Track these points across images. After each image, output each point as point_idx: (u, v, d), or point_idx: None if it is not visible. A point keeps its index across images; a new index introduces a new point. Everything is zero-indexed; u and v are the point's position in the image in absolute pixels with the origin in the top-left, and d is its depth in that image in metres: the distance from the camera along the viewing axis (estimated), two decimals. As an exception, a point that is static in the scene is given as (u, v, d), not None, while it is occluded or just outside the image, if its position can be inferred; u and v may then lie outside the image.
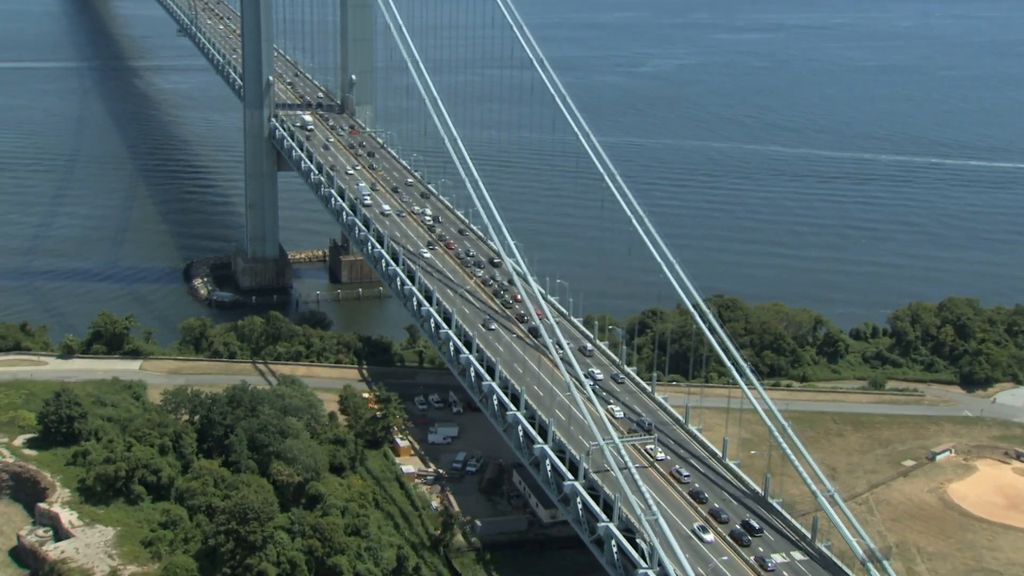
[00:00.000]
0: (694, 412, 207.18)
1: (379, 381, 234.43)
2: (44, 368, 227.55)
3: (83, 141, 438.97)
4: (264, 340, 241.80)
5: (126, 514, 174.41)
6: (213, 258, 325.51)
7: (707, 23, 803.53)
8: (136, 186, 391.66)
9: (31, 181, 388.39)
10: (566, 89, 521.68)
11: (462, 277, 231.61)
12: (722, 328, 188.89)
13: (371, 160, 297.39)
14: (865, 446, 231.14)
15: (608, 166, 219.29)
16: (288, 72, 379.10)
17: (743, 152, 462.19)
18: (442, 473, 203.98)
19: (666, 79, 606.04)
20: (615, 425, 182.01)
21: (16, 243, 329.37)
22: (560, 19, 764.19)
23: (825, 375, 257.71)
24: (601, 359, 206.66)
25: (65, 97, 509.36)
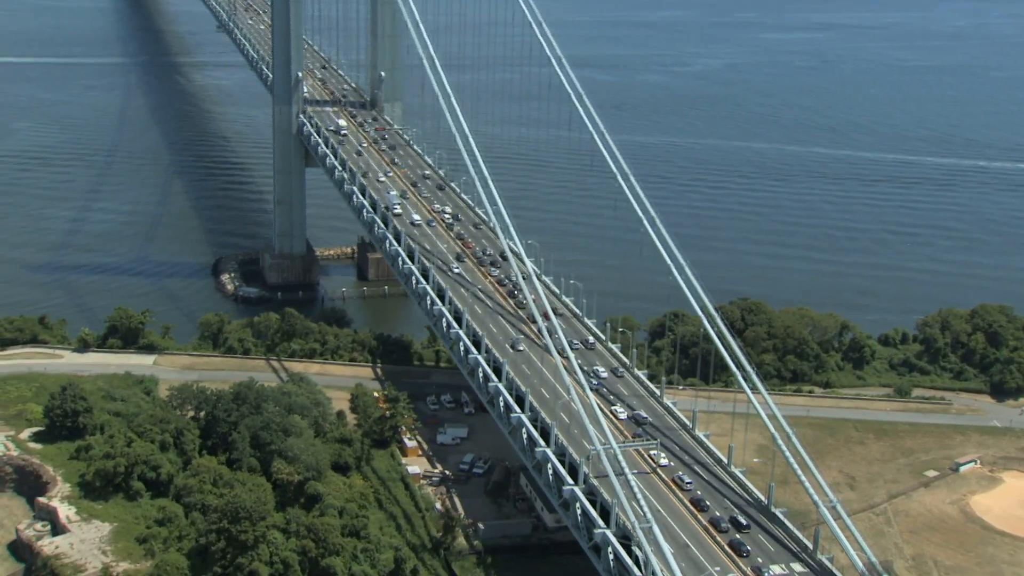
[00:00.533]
0: (709, 417, 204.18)
1: (393, 380, 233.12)
2: (59, 362, 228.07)
3: (122, 136, 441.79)
4: (279, 337, 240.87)
5: (124, 510, 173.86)
6: (242, 254, 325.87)
7: (754, 22, 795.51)
8: (171, 181, 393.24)
9: (69, 175, 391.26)
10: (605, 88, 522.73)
11: (477, 276, 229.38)
12: (731, 332, 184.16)
13: (393, 154, 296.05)
14: (887, 455, 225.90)
15: (622, 166, 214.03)
16: (320, 68, 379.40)
17: (784, 153, 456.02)
18: (448, 474, 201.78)
19: (709, 78, 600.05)
20: (619, 428, 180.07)
21: (50, 237, 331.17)
22: (606, 17, 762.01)
23: (850, 381, 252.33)
24: (610, 360, 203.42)
25: (109, 92, 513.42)
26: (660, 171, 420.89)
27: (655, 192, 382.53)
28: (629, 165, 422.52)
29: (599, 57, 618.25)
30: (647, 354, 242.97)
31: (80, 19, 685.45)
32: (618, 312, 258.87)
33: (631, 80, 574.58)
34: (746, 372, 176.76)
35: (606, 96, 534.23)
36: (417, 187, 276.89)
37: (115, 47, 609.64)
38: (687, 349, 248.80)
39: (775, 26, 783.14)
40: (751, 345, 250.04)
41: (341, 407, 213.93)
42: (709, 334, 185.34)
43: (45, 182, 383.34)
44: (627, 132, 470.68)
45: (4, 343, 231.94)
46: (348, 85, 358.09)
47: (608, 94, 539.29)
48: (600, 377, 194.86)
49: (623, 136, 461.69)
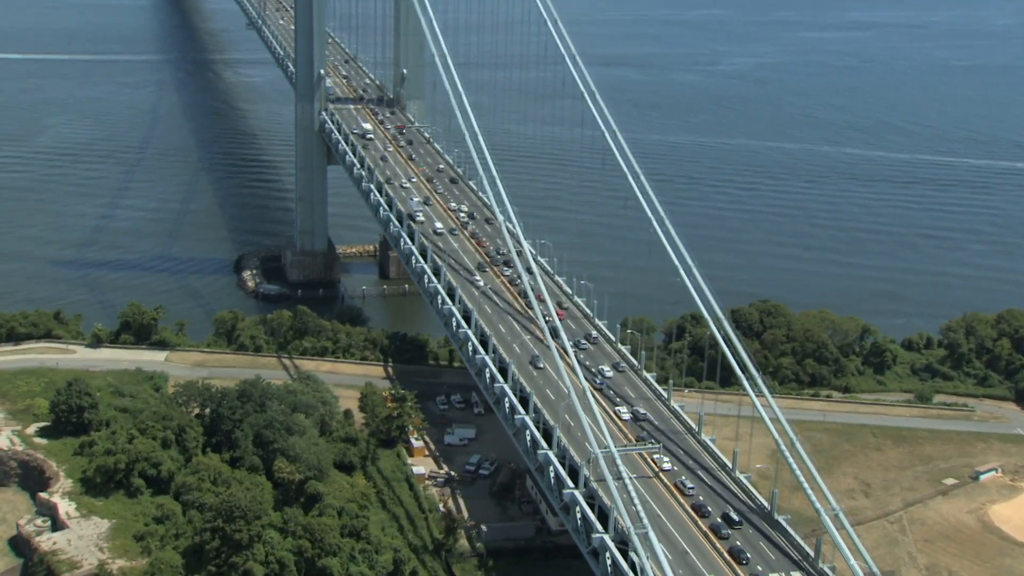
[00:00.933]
0: (725, 421, 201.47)
1: (404, 379, 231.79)
2: (71, 357, 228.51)
3: (153, 133, 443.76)
4: (291, 335, 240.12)
5: (124, 507, 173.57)
6: (264, 251, 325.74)
7: (792, 21, 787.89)
8: (198, 178, 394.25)
9: (99, 172, 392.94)
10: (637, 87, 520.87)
11: (489, 275, 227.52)
12: (737, 335, 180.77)
13: (411, 150, 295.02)
14: (905, 462, 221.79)
15: (632, 165, 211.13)
16: (344, 63, 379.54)
17: (816, 154, 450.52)
18: (453, 475, 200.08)
19: (744, 78, 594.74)
20: (623, 430, 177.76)
21: (76, 233, 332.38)
22: (643, 15, 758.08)
23: (870, 386, 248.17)
24: (616, 360, 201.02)
25: (142, 89, 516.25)
26: (689, 171, 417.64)
27: (682, 193, 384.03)
28: (657, 164, 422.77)
29: (633, 56, 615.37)
30: (662, 356, 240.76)
31: (119, 16, 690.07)
32: (634, 313, 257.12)
33: (664, 79, 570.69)
34: (751, 376, 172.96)
35: (638, 95, 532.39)
36: (433, 183, 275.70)
37: (150, 44, 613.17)
38: (703, 351, 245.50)
39: (813, 25, 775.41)
40: (769, 348, 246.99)
41: (350, 406, 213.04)
42: (715, 337, 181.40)
43: (75, 178, 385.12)
44: (658, 131, 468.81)
45: (18, 338, 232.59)
46: (372, 82, 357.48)
47: (640, 93, 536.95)
48: (605, 376, 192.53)
49: (653, 135, 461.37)
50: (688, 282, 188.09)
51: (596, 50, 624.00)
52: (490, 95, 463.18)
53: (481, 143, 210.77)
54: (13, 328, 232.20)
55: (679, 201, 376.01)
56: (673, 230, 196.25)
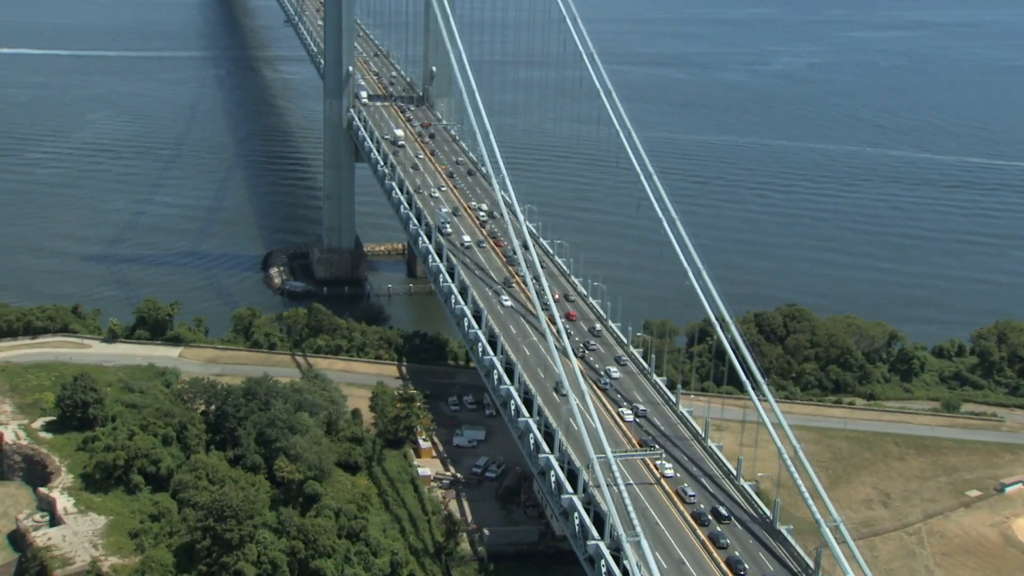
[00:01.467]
0: (738, 427, 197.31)
1: (417, 379, 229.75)
2: (85, 351, 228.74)
3: (191, 129, 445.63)
4: (307, 332, 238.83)
5: (122, 503, 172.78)
6: (292, 248, 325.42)
7: (843, 20, 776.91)
8: (232, 174, 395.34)
9: (137, 167, 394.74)
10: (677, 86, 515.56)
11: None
12: (744, 340, 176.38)
13: (433, 144, 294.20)
14: (927, 472, 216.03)
15: (646, 165, 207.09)
16: (374, 57, 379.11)
17: (858, 156, 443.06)
18: (459, 477, 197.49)
19: (789, 77, 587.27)
20: (627, 433, 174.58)
21: (107, 229, 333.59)
22: (690, 14, 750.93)
23: (896, 394, 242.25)
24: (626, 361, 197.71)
25: (183, 86, 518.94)
26: (727, 173, 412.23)
27: (718, 195, 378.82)
28: (694, 165, 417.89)
29: (677, 55, 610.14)
30: (682, 360, 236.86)
31: (166, 13, 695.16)
32: (657, 316, 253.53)
33: (708, 78, 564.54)
34: (756, 382, 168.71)
35: (679, 94, 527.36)
36: (453, 177, 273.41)
37: (194, 41, 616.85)
38: (723, 355, 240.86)
39: (865, 24, 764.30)
40: (792, 353, 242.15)
41: (361, 405, 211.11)
42: (723, 342, 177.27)
43: (112, 174, 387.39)
44: (697, 131, 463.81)
45: (35, 331, 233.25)
46: (400, 76, 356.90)
47: (682, 92, 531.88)
48: (612, 377, 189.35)
49: (692, 135, 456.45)
50: (697, 286, 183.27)
51: (640, 49, 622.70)
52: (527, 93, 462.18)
53: (492, 141, 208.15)
54: (30, 322, 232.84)
55: (715, 204, 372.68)
56: (684, 232, 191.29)
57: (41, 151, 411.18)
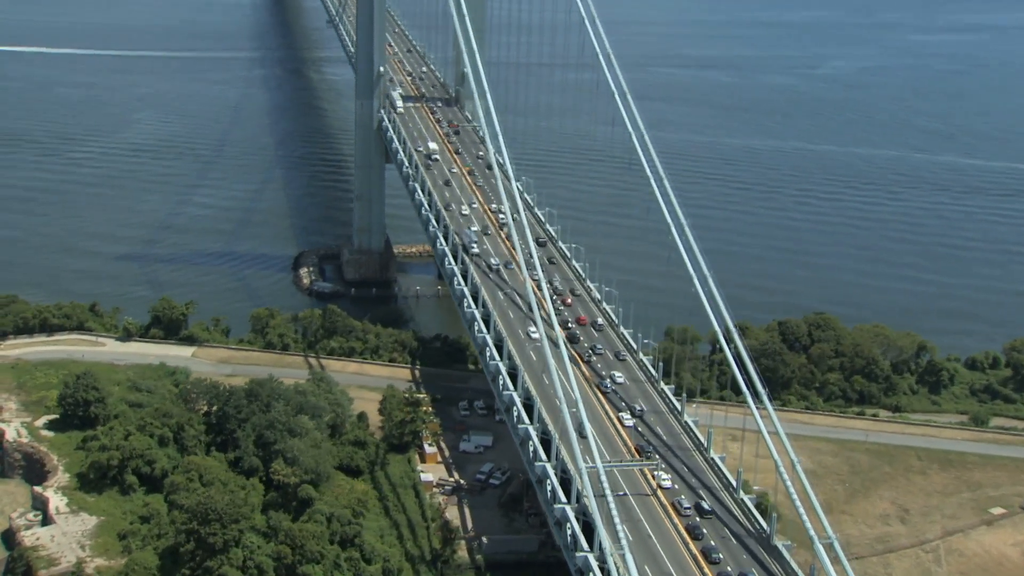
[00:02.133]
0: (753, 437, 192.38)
1: (430, 383, 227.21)
2: (99, 349, 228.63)
3: (233, 129, 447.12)
4: (321, 334, 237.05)
5: (115, 504, 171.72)
6: (324, 248, 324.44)
7: (900, 23, 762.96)
8: (272, 174, 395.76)
9: (176, 167, 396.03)
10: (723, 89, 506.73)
11: (518, 280, 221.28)
12: (745, 349, 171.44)
13: (457, 141, 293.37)
14: (950, 488, 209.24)
15: (657, 170, 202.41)
16: (410, 58, 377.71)
17: (905, 162, 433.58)
18: (462, 484, 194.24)
19: (840, 81, 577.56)
20: (626, 440, 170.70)
21: (143, 228, 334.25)
22: (743, 17, 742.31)
23: (923, 406, 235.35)
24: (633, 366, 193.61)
25: (229, 86, 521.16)
26: (769, 178, 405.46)
27: (759, 202, 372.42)
28: (735, 171, 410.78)
29: (725, 58, 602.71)
30: (704, 368, 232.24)
31: (220, 15, 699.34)
32: (678, 322, 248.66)
33: (755, 82, 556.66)
34: (757, 392, 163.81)
35: (724, 98, 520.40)
36: (473, 174, 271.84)
37: (244, 41, 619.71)
38: (746, 364, 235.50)
39: (923, 27, 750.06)
40: (815, 363, 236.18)
41: (372, 408, 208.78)
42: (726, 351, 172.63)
43: (151, 173, 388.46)
44: (740, 135, 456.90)
45: (51, 329, 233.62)
46: (430, 73, 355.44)
47: (727, 96, 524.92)
48: (616, 382, 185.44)
49: (734, 140, 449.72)
50: (702, 292, 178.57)
51: (687, 52, 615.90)
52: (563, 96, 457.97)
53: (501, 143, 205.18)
54: (46, 319, 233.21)
55: (755, 210, 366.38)
56: (692, 237, 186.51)
57: (85, 150, 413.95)
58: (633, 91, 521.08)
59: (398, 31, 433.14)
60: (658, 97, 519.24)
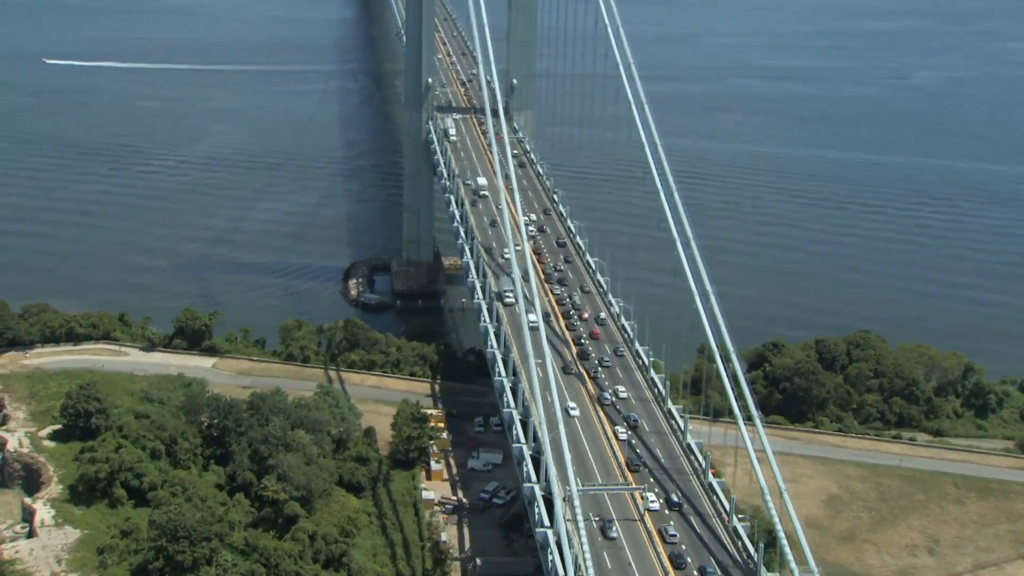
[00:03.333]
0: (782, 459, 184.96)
1: (449, 397, 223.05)
2: (121, 359, 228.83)
3: (302, 140, 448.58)
4: (344, 346, 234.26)
5: (101, 518, 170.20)
6: (376, 259, 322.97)
7: (997, 31, 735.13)
8: (334, 185, 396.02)
9: (243, 178, 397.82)
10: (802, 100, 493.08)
11: (540, 294, 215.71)
12: (742, 368, 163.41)
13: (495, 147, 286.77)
14: (988, 518, 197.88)
15: (669, 182, 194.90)
16: (464, 62, 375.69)
17: (992, 175, 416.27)
18: (464, 502, 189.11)
19: (928, 92, 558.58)
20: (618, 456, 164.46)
21: (201, 238, 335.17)
22: (835, 27, 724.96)
23: (967, 431, 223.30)
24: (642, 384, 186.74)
25: (306, 98, 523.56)
26: (841, 191, 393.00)
27: (828, 217, 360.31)
28: (807, 184, 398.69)
29: (806, 69, 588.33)
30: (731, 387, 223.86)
31: (309, 29, 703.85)
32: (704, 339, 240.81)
33: (836, 93, 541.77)
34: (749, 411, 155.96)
35: (801, 109, 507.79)
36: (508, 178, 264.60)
37: (326, 55, 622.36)
38: (778, 383, 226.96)
39: (1020, 35, 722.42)
40: (852, 383, 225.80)
41: (386, 423, 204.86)
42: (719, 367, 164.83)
43: (218, 185, 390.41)
44: (815, 147, 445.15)
45: (78, 338, 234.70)
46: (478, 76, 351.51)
47: (804, 107, 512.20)
48: (619, 397, 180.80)
49: (808, 151, 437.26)
50: (702, 308, 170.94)
51: (769, 63, 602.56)
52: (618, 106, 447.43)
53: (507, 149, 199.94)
54: (72, 328, 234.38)
55: (817, 226, 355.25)
56: (697, 252, 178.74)
57: (157, 162, 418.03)
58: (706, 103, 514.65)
59: (456, 34, 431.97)
60: (732, 109, 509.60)
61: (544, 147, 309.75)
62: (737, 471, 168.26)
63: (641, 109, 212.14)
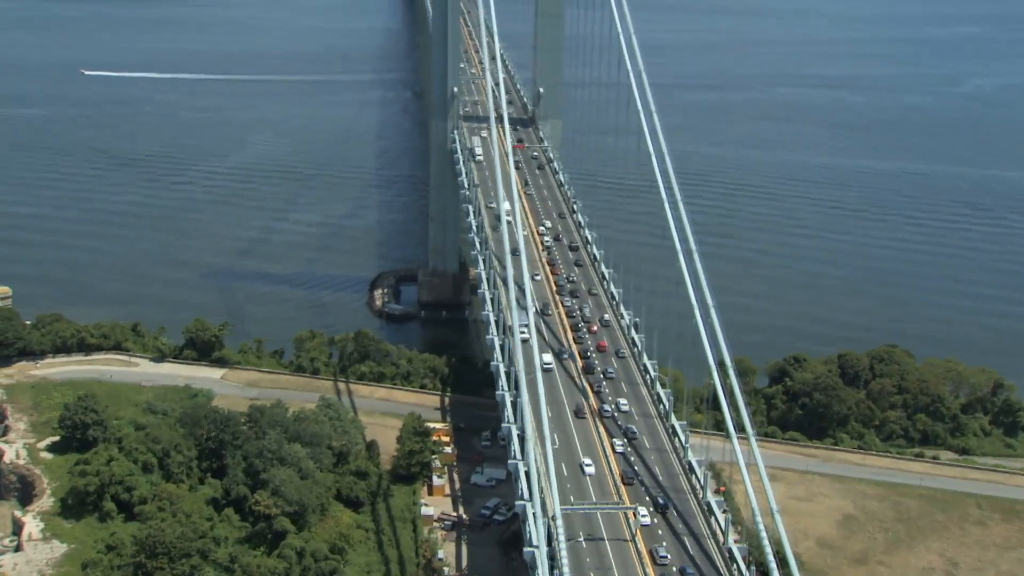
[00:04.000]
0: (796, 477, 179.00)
1: (459, 411, 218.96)
2: (130, 370, 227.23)
3: (339, 150, 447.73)
4: (355, 357, 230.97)
5: (90, 532, 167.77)
6: (403, 270, 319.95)
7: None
8: (367, 194, 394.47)
9: (278, 187, 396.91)
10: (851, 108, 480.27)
11: (551, 306, 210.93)
12: (738, 383, 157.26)
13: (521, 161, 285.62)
14: (1011, 541, 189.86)
15: (675, 193, 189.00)
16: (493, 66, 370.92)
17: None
18: (464, 519, 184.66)
19: (981, 100, 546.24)
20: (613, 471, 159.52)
21: (230, 248, 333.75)
22: (889, 35, 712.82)
23: (995, 450, 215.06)
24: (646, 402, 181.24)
25: (347, 108, 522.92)
26: (885, 200, 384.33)
27: (868, 228, 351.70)
28: (848, 193, 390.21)
29: (859, 77, 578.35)
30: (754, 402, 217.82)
31: (356, 39, 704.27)
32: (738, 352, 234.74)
33: (887, 102, 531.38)
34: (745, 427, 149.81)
35: (851, 117, 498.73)
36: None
37: (371, 64, 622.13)
38: (798, 398, 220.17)
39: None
40: (875, 399, 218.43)
41: (392, 436, 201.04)
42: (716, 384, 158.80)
43: (253, 194, 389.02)
44: (861, 156, 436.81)
45: (88, 348, 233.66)
46: (515, 93, 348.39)
47: (853, 116, 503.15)
48: (621, 410, 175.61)
49: (850, 160, 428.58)
50: (701, 323, 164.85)
51: (820, 71, 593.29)
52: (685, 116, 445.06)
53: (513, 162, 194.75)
54: (83, 338, 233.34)
55: (857, 236, 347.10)
56: (699, 263, 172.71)
57: (195, 171, 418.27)
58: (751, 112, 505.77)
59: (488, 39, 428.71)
60: (780, 117, 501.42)
61: (570, 156, 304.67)
62: (734, 488, 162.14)
63: (650, 118, 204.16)
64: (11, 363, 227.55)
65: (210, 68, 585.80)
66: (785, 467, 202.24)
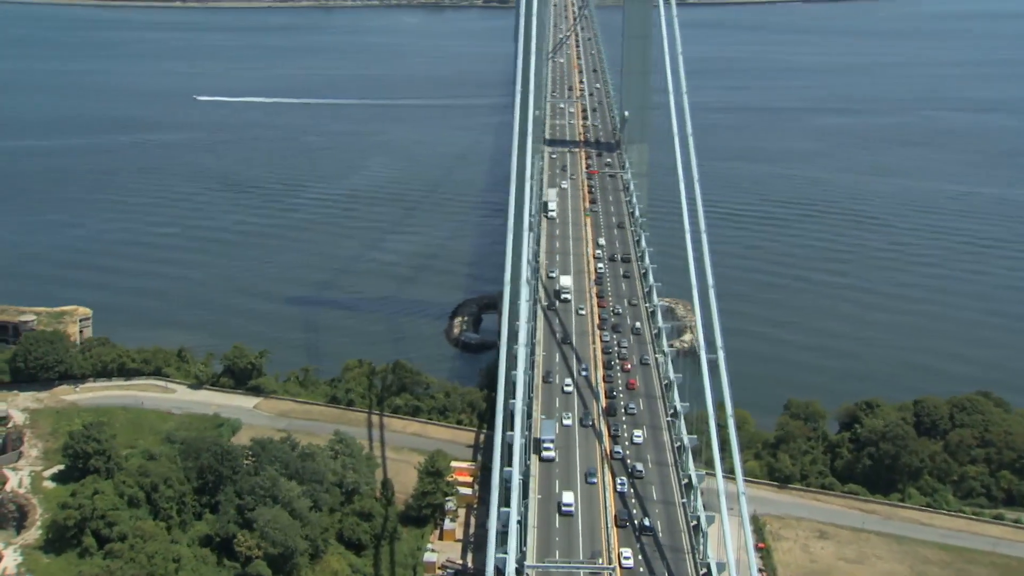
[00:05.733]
0: (849, 536, 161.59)
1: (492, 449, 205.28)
2: (166, 396, 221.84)
3: (449, 174, 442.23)
4: (393, 389, 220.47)
5: (68, 568, 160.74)
6: (486, 297, 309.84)
7: None
8: (467, 219, 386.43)
9: (382, 212, 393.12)
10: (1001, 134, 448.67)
11: (588, 340, 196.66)
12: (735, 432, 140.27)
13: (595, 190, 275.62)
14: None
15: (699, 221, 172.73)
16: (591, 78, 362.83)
17: None
18: (469, 567, 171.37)
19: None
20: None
21: (324, 272, 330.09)
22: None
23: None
24: None
25: (466, 132, 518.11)
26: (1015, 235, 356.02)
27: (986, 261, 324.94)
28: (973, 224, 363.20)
29: (1012, 100, 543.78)
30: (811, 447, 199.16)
31: (488, 64, 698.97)
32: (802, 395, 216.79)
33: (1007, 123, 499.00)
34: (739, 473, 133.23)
35: (996, 144, 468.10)
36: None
37: (498, 89, 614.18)
38: (865, 447, 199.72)
39: None
40: (953, 452, 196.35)
41: (415, 475, 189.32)
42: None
43: (357, 218, 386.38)
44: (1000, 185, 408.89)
45: (129, 373, 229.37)
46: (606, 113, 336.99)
47: (1000, 141, 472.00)
48: (635, 442, 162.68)
49: (988, 189, 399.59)
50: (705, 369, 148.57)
51: (968, 94, 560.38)
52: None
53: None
54: (124, 364, 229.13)
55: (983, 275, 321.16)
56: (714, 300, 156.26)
57: (305, 196, 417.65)
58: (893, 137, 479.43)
59: (595, 52, 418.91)
60: (921, 143, 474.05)
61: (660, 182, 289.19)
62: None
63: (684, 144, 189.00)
64: (51, 386, 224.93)
65: (350, 93, 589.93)
66: (839, 523, 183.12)
